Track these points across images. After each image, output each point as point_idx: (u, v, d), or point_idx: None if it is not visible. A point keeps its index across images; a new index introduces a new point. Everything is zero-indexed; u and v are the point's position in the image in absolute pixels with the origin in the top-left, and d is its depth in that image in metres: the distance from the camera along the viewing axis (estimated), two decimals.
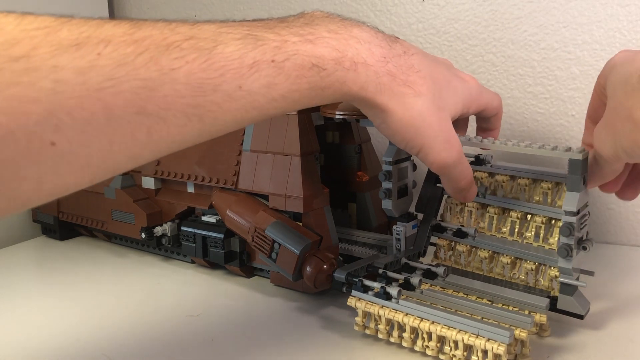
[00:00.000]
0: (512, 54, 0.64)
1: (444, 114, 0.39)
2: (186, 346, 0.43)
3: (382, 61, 0.36)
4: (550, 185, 0.43)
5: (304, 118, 0.50)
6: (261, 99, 0.31)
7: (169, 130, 0.28)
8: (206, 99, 0.28)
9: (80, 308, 0.51)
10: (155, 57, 0.27)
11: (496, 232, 0.46)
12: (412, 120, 0.37)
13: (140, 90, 0.26)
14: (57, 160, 0.25)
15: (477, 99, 0.43)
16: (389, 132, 0.38)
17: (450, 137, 0.39)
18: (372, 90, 0.36)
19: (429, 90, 0.38)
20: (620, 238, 0.63)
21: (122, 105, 0.26)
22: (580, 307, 0.41)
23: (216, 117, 0.29)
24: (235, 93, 0.29)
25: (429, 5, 0.68)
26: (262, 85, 0.30)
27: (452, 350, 0.38)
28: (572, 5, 0.61)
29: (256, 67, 0.30)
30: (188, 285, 0.55)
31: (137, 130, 0.27)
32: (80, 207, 0.67)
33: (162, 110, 0.27)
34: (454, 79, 0.41)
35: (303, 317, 0.47)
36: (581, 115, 0.62)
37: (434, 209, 0.47)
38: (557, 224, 0.43)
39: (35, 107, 0.23)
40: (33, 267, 0.65)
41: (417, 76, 0.38)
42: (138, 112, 0.26)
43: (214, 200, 0.55)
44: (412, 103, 0.37)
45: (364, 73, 0.35)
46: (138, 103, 0.26)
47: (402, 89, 0.37)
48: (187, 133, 0.29)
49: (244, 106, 0.30)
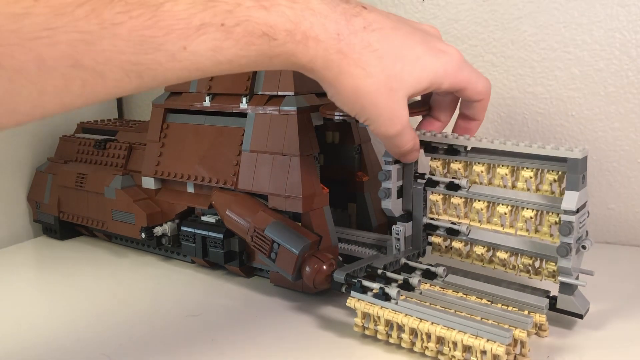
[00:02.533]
0: (512, 54, 0.64)
1: (394, 94, 0.39)
2: (186, 346, 0.43)
3: (335, 38, 0.35)
4: (532, 172, 0.42)
5: (304, 118, 0.50)
6: (206, 61, 0.30)
7: (105, 84, 0.27)
8: (147, 57, 0.27)
9: (80, 308, 0.51)
10: (98, 10, 0.25)
11: (488, 223, 0.44)
12: (357, 99, 0.38)
13: (78, 43, 0.25)
14: None
15: (453, 75, 0.42)
16: (338, 103, 0.39)
17: (395, 114, 0.39)
18: (319, 65, 0.35)
19: (383, 70, 0.37)
20: (620, 238, 0.63)
21: (56, 57, 0.25)
22: (579, 306, 0.41)
23: (156, 75, 0.28)
24: (179, 54, 0.28)
25: (429, 5, 0.68)
26: (208, 48, 0.30)
27: (451, 350, 0.38)
28: (572, 5, 0.61)
29: (204, 29, 0.29)
30: (188, 285, 0.55)
31: (71, 83, 0.26)
32: (80, 207, 0.67)
33: (99, 65, 0.26)
34: (425, 55, 0.40)
35: (302, 317, 0.47)
36: (581, 115, 0.62)
37: (421, 206, 0.47)
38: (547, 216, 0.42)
39: None
40: (33, 267, 0.65)
41: (373, 55, 0.37)
42: (73, 65, 0.25)
43: (214, 200, 0.55)
44: (360, 84, 0.37)
45: (313, 48, 0.34)
46: (74, 56, 0.25)
47: (351, 69, 0.36)
48: (124, 87, 0.28)
49: (187, 67, 0.29)
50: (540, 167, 0.41)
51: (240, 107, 0.54)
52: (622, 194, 0.62)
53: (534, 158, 0.41)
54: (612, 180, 0.62)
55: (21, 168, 0.72)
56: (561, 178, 0.40)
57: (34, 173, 0.72)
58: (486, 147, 0.43)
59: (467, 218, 0.45)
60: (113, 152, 0.66)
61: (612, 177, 0.62)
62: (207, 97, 0.57)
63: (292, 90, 0.51)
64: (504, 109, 0.66)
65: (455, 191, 0.45)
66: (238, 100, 0.54)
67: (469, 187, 0.44)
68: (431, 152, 0.46)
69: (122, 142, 0.67)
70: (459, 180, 0.45)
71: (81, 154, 0.70)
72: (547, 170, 0.41)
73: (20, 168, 0.72)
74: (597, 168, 0.62)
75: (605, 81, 0.60)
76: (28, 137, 0.73)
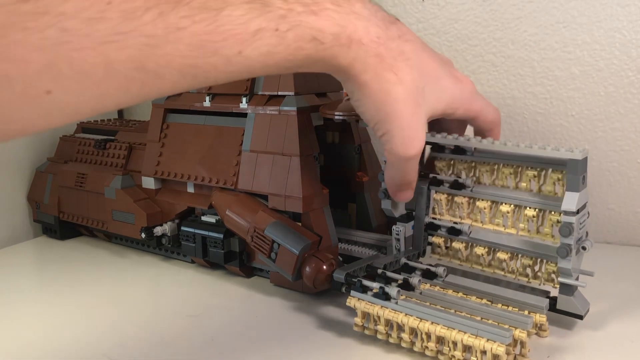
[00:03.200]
0: (512, 54, 0.64)
1: (419, 109, 0.38)
2: (186, 346, 0.43)
3: (375, 42, 0.36)
4: (535, 172, 0.42)
5: (304, 118, 0.50)
6: (256, 65, 0.30)
7: (162, 85, 0.28)
8: (205, 60, 0.28)
9: (80, 308, 0.51)
10: (164, 14, 0.26)
11: (490, 223, 0.44)
12: (385, 105, 0.37)
13: (144, 47, 0.26)
14: (49, 107, 0.25)
15: (468, 103, 0.43)
16: (362, 109, 0.38)
17: (416, 135, 0.39)
18: (358, 68, 0.36)
19: (413, 81, 0.38)
20: (620, 238, 0.63)
21: (123, 61, 0.25)
22: (579, 307, 0.41)
23: (208, 77, 0.29)
24: (234, 58, 0.29)
25: (429, 5, 0.68)
26: (261, 53, 0.30)
27: (451, 350, 0.38)
28: (572, 5, 0.61)
29: (260, 34, 0.30)
30: (188, 285, 0.55)
31: (132, 85, 0.26)
32: (80, 207, 0.67)
33: (160, 68, 0.27)
34: (445, 78, 0.41)
35: (302, 317, 0.47)
36: (581, 115, 0.62)
37: (424, 206, 0.47)
38: (549, 215, 0.42)
39: (37, 56, 0.23)
40: (33, 267, 0.65)
41: (405, 64, 0.37)
42: (137, 68, 0.26)
43: (214, 200, 0.55)
44: (390, 88, 0.37)
45: (355, 50, 0.35)
46: (139, 59, 0.26)
47: (386, 74, 0.37)
48: (178, 88, 0.29)
49: (239, 70, 0.30)
50: (544, 168, 0.41)
51: (240, 107, 0.54)
52: (622, 194, 0.62)
53: (533, 159, 0.41)
54: (612, 180, 0.62)
55: (21, 168, 0.72)
56: (565, 177, 0.40)
57: (34, 173, 0.72)
58: (487, 148, 0.43)
59: (470, 218, 0.45)
60: (113, 152, 0.66)
61: (612, 177, 0.62)
62: (207, 97, 0.57)
63: (292, 90, 0.51)
64: (504, 109, 0.66)
65: (459, 190, 0.45)
66: (238, 100, 0.54)
67: (473, 186, 0.44)
68: (439, 152, 0.46)
69: (122, 142, 0.67)
70: (464, 179, 0.45)
71: (81, 154, 0.70)
72: (550, 169, 0.41)
73: (20, 168, 0.72)
74: (597, 168, 0.62)
75: (605, 81, 0.60)
76: (28, 137, 0.72)
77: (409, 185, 0.43)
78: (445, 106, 0.41)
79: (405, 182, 0.42)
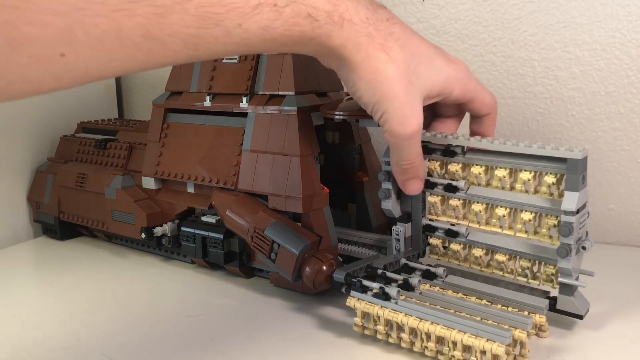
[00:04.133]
0: (512, 54, 0.64)
1: (413, 88, 0.39)
2: (186, 346, 0.43)
3: (365, 22, 0.37)
4: (531, 175, 0.41)
5: (304, 118, 0.50)
6: (255, 38, 0.32)
7: (165, 54, 0.29)
8: (207, 31, 0.30)
9: (80, 308, 0.51)
10: None
11: (486, 225, 0.44)
12: (379, 85, 0.38)
13: (152, 16, 0.27)
14: (61, 69, 0.26)
15: (463, 83, 0.43)
16: (358, 93, 0.39)
17: (412, 112, 0.39)
18: (350, 48, 0.37)
19: (404, 60, 0.38)
20: (620, 238, 0.63)
21: (132, 28, 0.27)
22: (579, 307, 0.41)
23: (209, 48, 0.31)
24: (234, 30, 0.31)
25: (429, 5, 0.68)
26: (260, 27, 0.32)
27: (450, 350, 0.38)
28: (572, 5, 0.61)
29: (260, 8, 0.31)
30: (188, 285, 0.55)
31: (138, 51, 0.28)
32: (80, 207, 0.67)
33: (165, 36, 0.28)
34: (438, 58, 0.41)
35: (302, 318, 0.47)
36: (581, 115, 0.62)
37: (419, 207, 0.47)
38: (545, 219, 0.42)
39: (57, 21, 0.24)
40: (33, 267, 0.65)
41: (395, 44, 0.38)
42: (144, 35, 0.28)
43: (214, 201, 0.55)
44: (383, 68, 0.38)
45: (347, 30, 0.36)
46: (147, 27, 0.27)
47: (377, 53, 0.37)
48: (179, 57, 0.30)
49: (237, 43, 0.32)
50: (539, 169, 0.41)
51: (240, 106, 0.54)
52: (622, 194, 0.62)
53: (533, 158, 0.41)
54: (612, 180, 0.62)
55: (21, 168, 0.72)
56: (560, 180, 0.40)
57: (34, 173, 0.72)
58: (486, 147, 0.42)
59: (466, 219, 0.45)
60: (113, 152, 0.66)
61: (612, 177, 0.62)
62: (208, 97, 0.57)
63: (292, 90, 0.51)
64: (504, 109, 0.66)
65: (453, 193, 0.45)
66: (238, 100, 0.54)
67: (467, 188, 0.44)
68: (428, 154, 0.46)
69: (122, 142, 0.67)
70: (457, 182, 0.44)
71: (81, 154, 0.70)
72: (545, 172, 0.41)
73: (20, 168, 0.72)
74: (597, 168, 0.62)
75: (605, 81, 0.60)
76: (28, 137, 0.73)
77: (415, 173, 0.43)
78: (441, 86, 0.41)
79: (411, 168, 0.42)
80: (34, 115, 0.73)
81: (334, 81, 0.56)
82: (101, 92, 0.84)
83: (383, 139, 0.70)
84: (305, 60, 0.53)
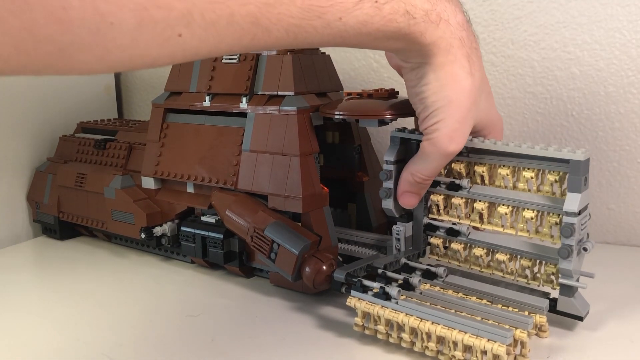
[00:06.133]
0: (512, 54, 0.64)
1: (474, 111, 0.40)
2: (186, 346, 0.43)
3: (459, 26, 0.38)
4: (533, 173, 0.41)
5: (304, 118, 0.50)
6: (352, 31, 0.33)
7: (267, 40, 0.31)
8: (309, 22, 0.31)
9: (80, 308, 0.51)
10: None
11: (488, 224, 0.44)
12: (451, 92, 0.38)
13: (263, 5, 0.29)
14: (177, 48, 0.28)
15: (498, 130, 0.44)
16: (427, 93, 0.39)
17: (462, 132, 0.39)
18: (442, 47, 0.37)
19: (480, 80, 0.39)
20: (620, 238, 0.63)
21: (243, 14, 0.29)
22: (580, 308, 0.41)
23: (307, 37, 0.32)
24: (334, 23, 0.32)
25: None
26: (358, 21, 0.33)
27: (451, 350, 0.38)
28: (572, 5, 0.61)
29: (361, 4, 0.32)
30: (188, 285, 0.55)
31: (245, 36, 0.30)
32: (80, 207, 0.67)
33: (271, 24, 0.30)
34: (492, 97, 0.43)
35: (302, 318, 0.47)
36: (581, 115, 0.62)
37: (422, 206, 0.47)
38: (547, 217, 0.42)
39: (180, 5, 0.26)
40: (33, 267, 0.65)
41: (477, 61, 0.39)
42: (252, 22, 0.29)
43: (214, 201, 0.55)
44: (463, 77, 0.38)
45: (442, 29, 0.37)
46: (256, 15, 0.29)
47: (463, 60, 0.38)
48: (279, 43, 0.31)
49: (334, 35, 0.33)
50: (542, 168, 0.41)
51: (240, 107, 0.54)
52: (622, 194, 0.62)
53: (535, 159, 0.41)
54: (612, 180, 0.62)
55: (21, 168, 0.72)
56: (562, 178, 0.40)
57: (34, 173, 0.72)
58: (489, 148, 0.42)
59: (468, 219, 0.45)
60: (113, 152, 0.66)
61: (612, 177, 0.62)
62: (207, 97, 0.56)
63: (292, 90, 0.51)
64: (504, 109, 0.66)
65: (456, 191, 0.45)
66: (238, 100, 0.54)
67: (470, 187, 0.44)
68: None
69: (122, 142, 0.67)
70: (460, 181, 0.44)
71: (81, 154, 0.70)
72: (548, 170, 0.41)
73: (20, 168, 0.72)
74: (597, 168, 0.62)
75: (605, 81, 0.60)
76: (28, 137, 0.72)
77: (420, 190, 0.44)
78: (485, 125, 0.42)
79: (422, 183, 0.43)
80: (34, 115, 0.73)
81: (333, 81, 0.56)
82: (101, 92, 0.84)
83: (383, 139, 0.70)
84: (305, 61, 0.53)
